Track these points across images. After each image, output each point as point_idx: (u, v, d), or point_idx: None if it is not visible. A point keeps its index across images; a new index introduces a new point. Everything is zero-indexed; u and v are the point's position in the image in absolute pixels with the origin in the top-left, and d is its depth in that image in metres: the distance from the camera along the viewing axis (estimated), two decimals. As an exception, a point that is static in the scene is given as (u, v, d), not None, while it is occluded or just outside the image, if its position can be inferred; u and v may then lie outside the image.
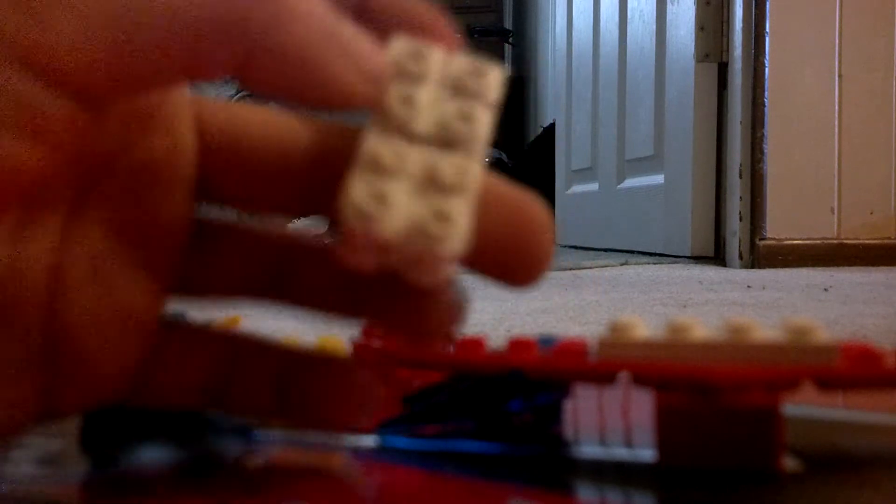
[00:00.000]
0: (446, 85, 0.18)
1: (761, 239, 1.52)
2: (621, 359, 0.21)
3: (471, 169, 0.17)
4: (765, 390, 0.20)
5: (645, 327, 0.21)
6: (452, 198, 0.17)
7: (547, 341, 0.24)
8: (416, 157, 0.17)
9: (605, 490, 0.20)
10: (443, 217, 0.17)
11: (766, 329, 0.20)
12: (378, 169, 0.17)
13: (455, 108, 0.18)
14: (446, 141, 0.17)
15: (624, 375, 0.20)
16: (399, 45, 0.18)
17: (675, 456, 0.21)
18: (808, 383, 0.20)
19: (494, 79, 0.18)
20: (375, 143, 0.17)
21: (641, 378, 0.20)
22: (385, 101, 0.17)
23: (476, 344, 0.23)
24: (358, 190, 0.17)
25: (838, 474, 0.21)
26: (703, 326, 0.21)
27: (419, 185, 0.17)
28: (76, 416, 0.19)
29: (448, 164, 0.17)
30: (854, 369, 0.19)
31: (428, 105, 0.17)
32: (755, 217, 1.52)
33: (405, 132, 0.17)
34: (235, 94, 1.72)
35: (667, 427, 0.21)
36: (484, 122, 0.18)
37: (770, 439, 0.20)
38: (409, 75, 0.18)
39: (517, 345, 0.23)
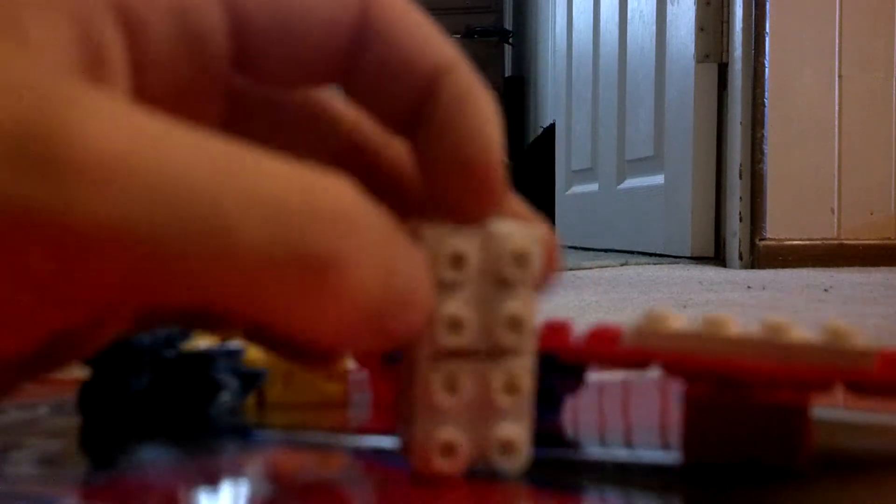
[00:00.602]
0: (488, 278, 0.17)
1: (761, 239, 1.52)
2: (654, 347, 0.21)
3: (523, 377, 0.18)
4: (796, 389, 0.20)
5: (681, 320, 0.21)
6: (510, 421, 0.18)
7: None
8: (468, 383, 0.17)
9: (605, 490, 0.20)
10: (507, 448, 0.18)
11: (803, 330, 0.20)
12: (437, 412, 0.17)
13: (503, 315, 0.17)
14: (497, 351, 0.17)
15: (656, 363, 0.21)
16: (435, 242, 0.17)
17: (701, 451, 0.21)
18: (840, 386, 0.20)
19: (536, 255, 0.17)
20: (430, 379, 0.17)
21: (673, 367, 0.20)
22: (429, 327, 0.17)
23: None
24: (421, 439, 0.17)
25: (838, 474, 0.21)
26: (739, 323, 0.21)
27: (476, 410, 0.18)
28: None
29: (501, 386, 0.17)
30: (888, 375, 0.19)
31: (473, 314, 0.17)
32: (755, 217, 1.52)
33: (455, 353, 0.17)
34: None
35: (694, 421, 0.21)
36: (532, 317, 0.17)
37: (796, 438, 0.20)
38: (449, 285, 0.17)
39: None
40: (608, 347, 0.21)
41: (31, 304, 0.12)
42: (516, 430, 0.18)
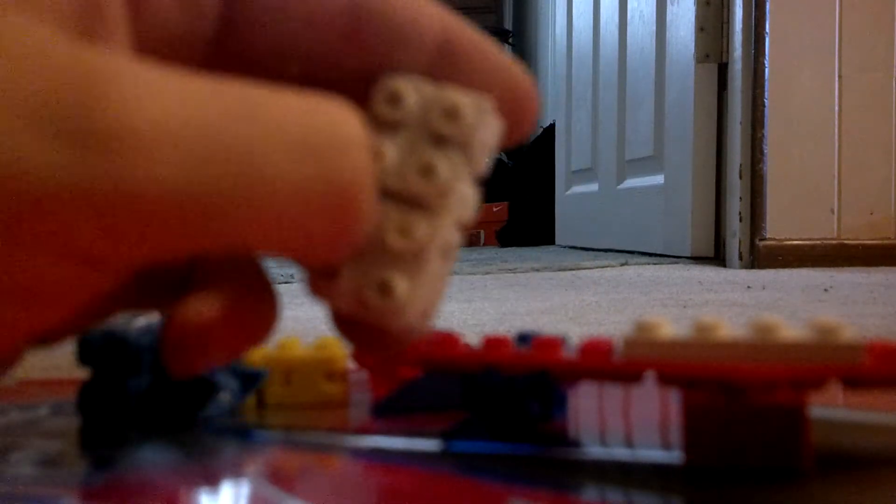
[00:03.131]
0: (422, 130, 0.17)
1: (761, 239, 1.52)
2: (647, 358, 0.21)
3: (424, 231, 0.16)
4: (791, 389, 0.20)
5: (671, 326, 0.21)
6: (399, 268, 0.16)
7: (524, 338, 0.24)
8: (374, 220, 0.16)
9: (605, 490, 0.20)
10: (385, 289, 0.16)
11: (792, 328, 0.20)
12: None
13: (417, 161, 0.17)
14: (409, 199, 0.17)
15: (650, 375, 0.21)
16: (381, 85, 0.17)
17: (702, 455, 0.21)
18: (835, 382, 0.20)
19: (470, 115, 0.17)
20: None
21: (668, 377, 0.20)
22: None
23: (452, 341, 0.23)
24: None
25: (838, 474, 0.21)
26: (729, 326, 0.21)
27: (369, 250, 0.16)
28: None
29: (397, 230, 0.16)
30: (880, 368, 0.19)
31: (399, 158, 0.17)
32: (755, 217, 1.52)
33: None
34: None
35: (694, 426, 0.21)
36: (449, 173, 0.17)
37: (797, 438, 0.20)
38: (385, 123, 0.17)
39: (493, 342, 0.23)
40: (601, 362, 0.21)
41: (72, 273, 0.13)
42: (401, 278, 0.16)
